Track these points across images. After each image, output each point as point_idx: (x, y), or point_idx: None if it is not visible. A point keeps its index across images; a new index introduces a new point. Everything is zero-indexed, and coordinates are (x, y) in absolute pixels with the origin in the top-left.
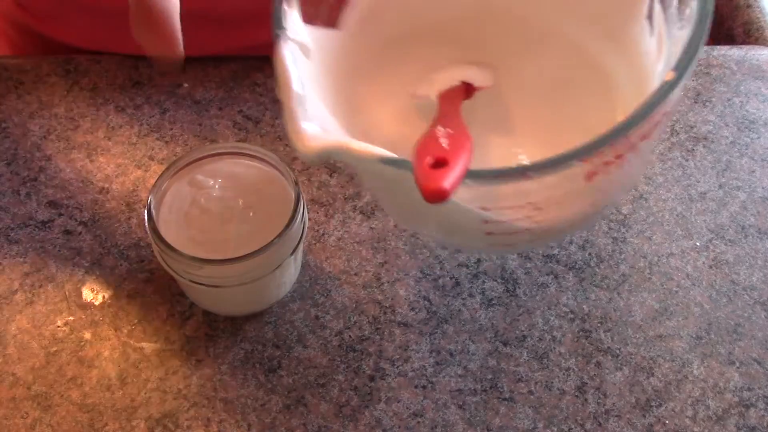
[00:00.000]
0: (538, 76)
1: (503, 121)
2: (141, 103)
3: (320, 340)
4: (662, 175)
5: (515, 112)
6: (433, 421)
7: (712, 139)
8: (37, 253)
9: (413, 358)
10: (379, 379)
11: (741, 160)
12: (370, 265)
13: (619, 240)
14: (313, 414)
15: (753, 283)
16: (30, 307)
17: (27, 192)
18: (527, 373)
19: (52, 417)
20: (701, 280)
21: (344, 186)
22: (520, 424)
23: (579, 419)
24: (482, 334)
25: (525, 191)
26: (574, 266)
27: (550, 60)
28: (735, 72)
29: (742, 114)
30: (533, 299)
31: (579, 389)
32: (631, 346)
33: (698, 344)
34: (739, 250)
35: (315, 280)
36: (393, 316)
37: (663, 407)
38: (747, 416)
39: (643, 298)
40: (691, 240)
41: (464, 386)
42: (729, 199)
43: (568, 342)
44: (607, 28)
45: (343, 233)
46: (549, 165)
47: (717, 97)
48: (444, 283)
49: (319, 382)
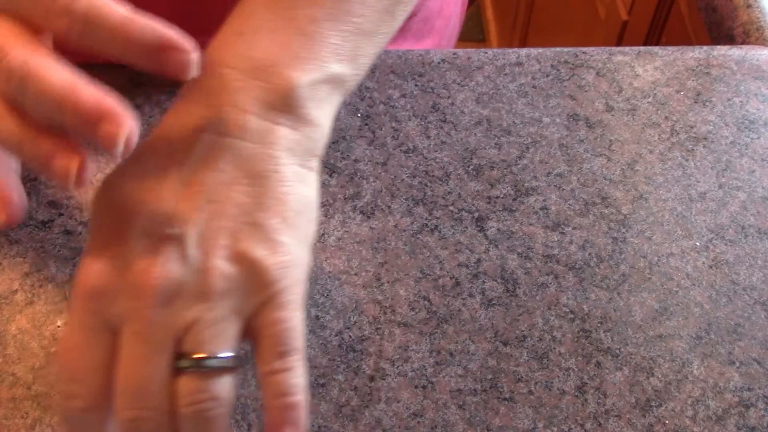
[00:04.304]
0: None
1: None
2: (141, 103)
3: (320, 340)
4: (662, 175)
5: None
6: (433, 421)
7: (712, 139)
8: (37, 253)
9: (413, 358)
10: (379, 379)
11: (741, 160)
12: (370, 265)
13: (619, 240)
14: (313, 414)
15: (753, 283)
16: (30, 307)
17: (27, 192)
18: (527, 373)
19: (52, 417)
20: (701, 280)
21: (344, 186)
22: (520, 424)
23: (579, 419)
24: (482, 334)
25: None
26: (574, 266)
27: None
28: (735, 72)
29: (742, 114)
30: (533, 299)
31: (579, 389)
32: (631, 346)
33: (698, 344)
34: (739, 250)
35: (315, 280)
36: (393, 316)
37: (663, 407)
38: (747, 416)
39: (643, 298)
40: (691, 240)
41: (464, 386)
42: (729, 199)
43: (568, 342)
44: None
45: (343, 233)
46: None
47: (717, 97)
48: (444, 283)
49: (319, 382)
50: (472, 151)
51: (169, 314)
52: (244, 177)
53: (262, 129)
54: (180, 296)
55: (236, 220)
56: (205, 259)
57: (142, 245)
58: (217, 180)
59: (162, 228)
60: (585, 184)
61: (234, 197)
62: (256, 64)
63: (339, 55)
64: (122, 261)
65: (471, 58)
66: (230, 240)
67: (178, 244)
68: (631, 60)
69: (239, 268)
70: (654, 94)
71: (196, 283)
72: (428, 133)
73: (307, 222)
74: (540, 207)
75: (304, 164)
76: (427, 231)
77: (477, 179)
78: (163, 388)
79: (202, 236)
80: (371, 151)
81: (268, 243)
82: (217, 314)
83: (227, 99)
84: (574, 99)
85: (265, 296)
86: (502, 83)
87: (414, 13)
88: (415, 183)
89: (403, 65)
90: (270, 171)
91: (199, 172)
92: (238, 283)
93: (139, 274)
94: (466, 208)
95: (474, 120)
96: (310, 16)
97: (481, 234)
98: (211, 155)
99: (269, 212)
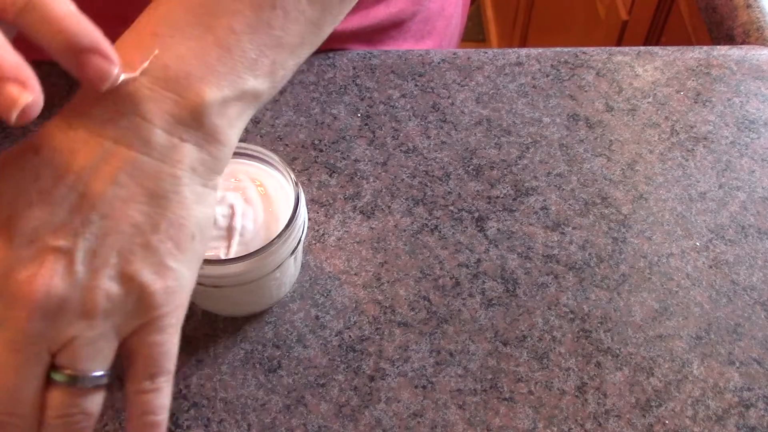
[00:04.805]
0: None
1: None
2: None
3: (320, 340)
4: (662, 175)
5: None
6: (433, 421)
7: (712, 139)
8: None
9: (413, 358)
10: (379, 379)
11: (741, 160)
12: (370, 265)
13: (619, 240)
14: (313, 414)
15: (753, 283)
16: None
17: None
18: (527, 373)
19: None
20: (701, 280)
21: (344, 186)
22: (520, 424)
23: (579, 419)
24: (482, 334)
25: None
26: (574, 266)
27: None
28: (735, 72)
29: (742, 114)
30: (533, 299)
31: (579, 389)
32: (631, 346)
33: (698, 344)
34: (739, 250)
35: (315, 280)
36: (393, 316)
37: (663, 407)
38: (747, 416)
39: (643, 298)
40: (691, 240)
41: (464, 386)
42: (729, 199)
43: (568, 342)
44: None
45: (343, 233)
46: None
47: (717, 97)
48: (444, 283)
49: (319, 382)
50: (472, 151)
51: (48, 328)
52: (142, 195)
53: (167, 146)
54: (61, 311)
55: (128, 239)
56: (91, 277)
57: (26, 252)
58: (115, 194)
59: (49, 238)
60: (585, 184)
61: (130, 215)
62: (168, 74)
63: (256, 71)
64: (3, 266)
65: (471, 58)
66: (119, 259)
67: (65, 258)
68: (631, 60)
69: (125, 289)
70: (654, 94)
71: (79, 301)
72: (428, 133)
73: (200, 244)
74: (540, 207)
75: (205, 183)
76: (427, 231)
77: (477, 179)
78: (33, 397)
79: (91, 252)
80: (371, 151)
81: (157, 267)
82: (96, 333)
83: (134, 108)
84: (574, 99)
85: (146, 319)
86: (502, 83)
87: (414, 14)
88: (415, 183)
89: (403, 65)
90: (170, 192)
91: (96, 182)
92: (122, 304)
93: (21, 283)
94: (466, 208)
95: (474, 120)
96: (229, 26)
97: (481, 234)
98: (110, 166)
99: (163, 235)
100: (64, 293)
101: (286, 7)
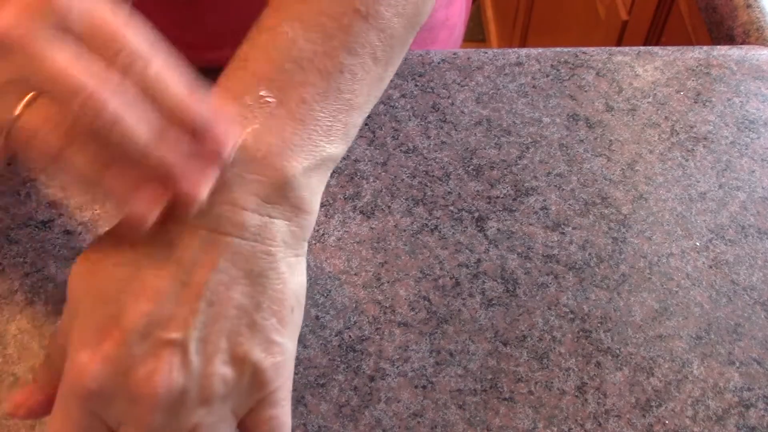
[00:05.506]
0: None
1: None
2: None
3: (320, 340)
4: (662, 175)
5: None
6: (433, 421)
7: (712, 139)
8: (37, 253)
9: (413, 358)
10: (379, 379)
11: (741, 160)
12: (370, 265)
13: (619, 240)
14: (313, 414)
15: (753, 283)
16: (30, 307)
17: (27, 192)
18: (527, 373)
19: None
20: (701, 280)
21: (344, 186)
22: (520, 424)
23: (579, 419)
24: (482, 334)
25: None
26: (574, 266)
27: None
28: (735, 72)
29: (742, 114)
30: (533, 299)
31: (579, 389)
32: (631, 346)
33: (698, 344)
34: (739, 250)
35: (315, 280)
36: (393, 316)
37: (663, 407)
38: (747, 416)
39: (643, 298)
40: (691, 240)
41: (464, 386)
42: (729, 199)
43: (568, 342)
44: None
45: (343, 233)
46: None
47: (717, 97)
48: (444, 283)
49: (319, 382)
50: (472, 151)
51: (171, 420)
52: (243, 277)
53: (259, 225)
54: (182, 403)
55: (235, 322)
56: (206, 365)
57: (141, 349)
58: (218, 281)
59: (162, 332)
60: (585, 184)
61: (233, 298)
62: (248, 155)
63: (331, 136)
64: (121, 365)
65: (471, 58)
66: (229, 343)
67: (179, 350)
68: (631, 60)
69: (238, 372)
70: (654, 94)
71: (197, 390)
72: (428, 133)
73: (299, 314)
74: (540, 207)
75: (297, 254)
76: (427, 231)
77: (477, 179)
78: None
79: (202, 341)
80: (371, 151)
81: (265, 344)
82: (216, 418)
83: (223, 197)
84: (574, 99)
85: (260, 396)
86: (502, 83)
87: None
88: (415, 183)
89: (403, 65)
90: (267, 270)
91: (198, 272)
92: (237, 386)
93: (141, 381)
94: (466, 208)
95: (474, 120)
96: (300, 97)
97: (481, 234)
98: (209, 254)
99: (267, 312)
100: (184, 385)
101: (353, 69)
